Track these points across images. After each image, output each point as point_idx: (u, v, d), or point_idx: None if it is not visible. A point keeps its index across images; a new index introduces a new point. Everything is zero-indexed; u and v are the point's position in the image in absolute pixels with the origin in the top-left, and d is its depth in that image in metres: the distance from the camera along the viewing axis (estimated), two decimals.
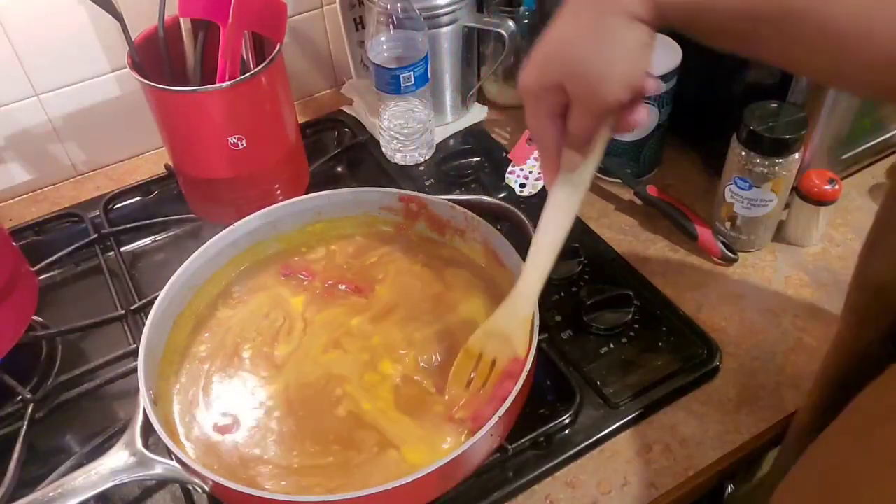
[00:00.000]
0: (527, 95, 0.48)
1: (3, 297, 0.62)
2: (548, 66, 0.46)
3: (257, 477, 0.54)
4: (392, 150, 0.85)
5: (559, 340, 0.65)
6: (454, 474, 0.53)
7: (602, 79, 0.44)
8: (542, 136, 0.50)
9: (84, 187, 0.87)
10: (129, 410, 0.56)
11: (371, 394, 0.59)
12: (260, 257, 0.69)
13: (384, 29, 0.76)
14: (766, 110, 0.68)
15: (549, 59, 0.46)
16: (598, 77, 0.44)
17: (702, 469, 0.58)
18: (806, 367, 0.64)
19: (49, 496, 0.50)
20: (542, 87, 0.47)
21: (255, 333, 0.64)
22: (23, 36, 0.76)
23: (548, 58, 0.46)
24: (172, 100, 0.69)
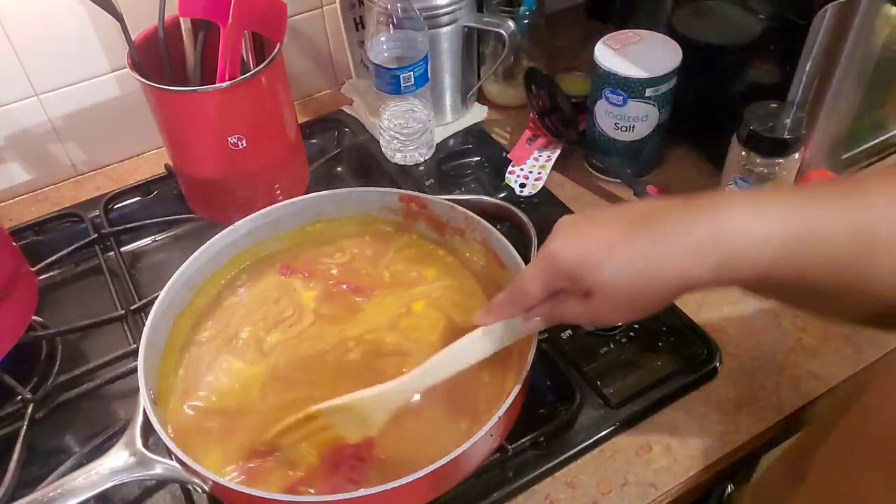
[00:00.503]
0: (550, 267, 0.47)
1: (3, 297, 0.62)
2: (588, 267, 0.45)
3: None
4: (392, 150, 0.85)
5: (559, 340, 0.65)
6: (454, 474, 0.53)
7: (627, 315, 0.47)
8: (529, 298, 0.49)
9: (84, 187, 0.87)
10: (129, 410, 0.56)
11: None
12: (260, 257, 0.69)
13: (384, 29, 0.76)
14: (766, 110, 0.68)
15: (592, 263, 0.45)
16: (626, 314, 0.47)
17: (702, 469, 0.58)
18: (806, 366, 0.64)
19: (49, 496, 0.50)
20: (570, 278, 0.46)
21: (260, 318, 0.64)
22: (23, 36, 0.76)
23: (591, 261, 0.45)
24: (172, 100, 0.69)
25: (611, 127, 0.78)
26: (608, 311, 0.46)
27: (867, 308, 0.43)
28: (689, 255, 0.43)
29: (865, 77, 0.70)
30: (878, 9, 0.64)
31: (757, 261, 0.42)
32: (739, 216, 0.43)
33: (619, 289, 0.44)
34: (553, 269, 0.47)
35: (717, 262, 0.42)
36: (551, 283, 0.47)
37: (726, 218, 0.43)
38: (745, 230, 0.42)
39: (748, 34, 0.74)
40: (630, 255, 0.44)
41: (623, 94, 0.74)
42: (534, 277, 0.48)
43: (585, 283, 0.45)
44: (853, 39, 0.65)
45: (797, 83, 0.69)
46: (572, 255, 0.45)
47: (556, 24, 1.03)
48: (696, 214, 0.44)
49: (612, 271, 0.44)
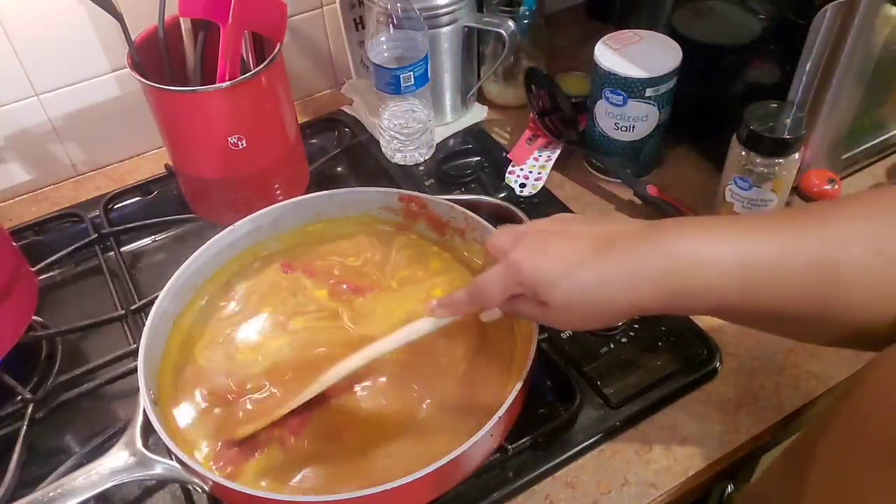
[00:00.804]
0: (511, 277, 0.48)
1: (3, 297, 0.62)
2: (545, 284, 0.46)
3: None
4: (392, 150, 0.85)
5: (559, 340, 0.65)
6: (454, 474, 0.53)
7: (578, 327, 0.52)
8: (487, 302, 0.51)
9: (84, 187, 0.87)
10: (129, 410, 0.56)
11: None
12: (260, 257, 0.69)
13: (384, 29, 0.76)
14: (766, 110, 0.68)
15: (550, 281, 0.46)
16: (578, 327, 0.52)
17: (702, 469, 0.58)
18: (806, 366, 0.64)
19: (49, 496, 0.50)
20: (528, 289, 0.47)
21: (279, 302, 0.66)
22: (23, 36, 0.76)
23: (550, 279, 0.46)
24: (172, 100, 0.69)
25: (611, 127, 0.78)
26: (561, 321, 0.49)
27: (841, 333, 0.44)
28: (641, 285, 0.44)
29: (865, 77, 0.70)
30: (878, 9, 0.64)
31: (710, 293, 0.44)
32: (693, 250, 0.44)
33: (573, 307, 0.46)
34: (513, 279, 0.48)
35: (667, 293, 0.44)
36: (510, 289, 0.49)
37: (680, 251, 0.44)
38: (698, 263, 0.44)
39: (748, 34, 0.74)
40: (586, 280, 0.45)
41: (623, 94, 0.74)
42: (495, 283, 0.49)
43: (542, 296, 0.47)
44: (853, 39, 0.65)
45: (797, 83, 0.69)
46: (533, 270, 0.47)
47: (556, 24, 1.03)
48: (653, 245, 0.45)
49: (568, 291, 0.46)
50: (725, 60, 0.78)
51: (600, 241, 0.46)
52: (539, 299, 0.47)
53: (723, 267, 0.43)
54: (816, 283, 0.42)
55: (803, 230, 0.43)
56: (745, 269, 0.43)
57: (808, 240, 0.43)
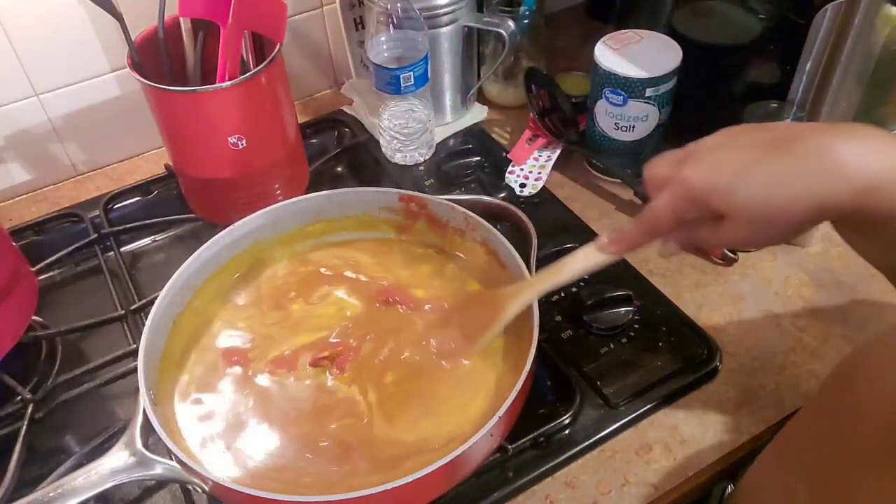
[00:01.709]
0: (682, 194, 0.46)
1: (3, 297, 0.62)
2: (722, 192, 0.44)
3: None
4: (392, 150, 0.85)
5: (559, 340, 0.65)
6: (454, 474, 0.53)
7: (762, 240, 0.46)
8: (660, 228, 0.49)
9: (84, 187, 0.87)
10: (129, 410, 0.56)
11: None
12: (260, 257, 0.69)
13: (384, 29, 0.76)
14: (766, 110, 0.68)
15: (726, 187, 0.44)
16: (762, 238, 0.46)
17: (702, 469, 0.58)
18: (806, 366, 0.64)
19: (49, 496, 0.50)
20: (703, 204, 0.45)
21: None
22: (23, 36, 0.76)
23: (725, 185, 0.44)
24: (172, 100, 0.69)
25: (611, 127, 0.78)
26: (740, 233, 0.45)
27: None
28: (830, 175, 0.41)
29: (865, 77, 0.70)
30: (878, 9, 0.64)
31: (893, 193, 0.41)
32: (882, 142, 0.42)
33: (754, 210, 0.43)
34: (685, 196, 0.46)
35: (863, 187, 0.41)
36: (684, 210, 0.46)
37: (871, 142, 0.42)
38: (889, 157, 0.41)
39: (748, 34, 0.74)
40: (767, 177, 0.43)
41: (623, 94, 0.75)
42: (666, 206, 0.47)
43: (719, 207, 0.44)
44: (853, 39, 0.65)
45: (797, 83, 0.69)
46: (705, 181, 0.44)
47: (556, 24, 1.03)
48: (840, 137, 0.42)
49: (748, 192, 0.43)
50: (725, 60, 0.78)
51: (772, 142, 0.44)
52: (716, 213, 0.45)
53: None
54: None
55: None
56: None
57: None
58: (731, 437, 0.60)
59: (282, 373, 0.61)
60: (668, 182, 0.47)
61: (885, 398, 0.35)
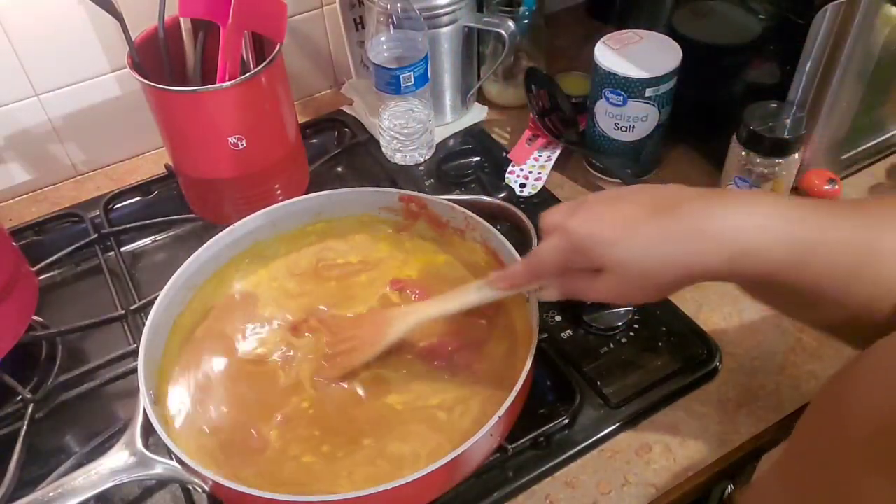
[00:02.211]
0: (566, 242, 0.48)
1: (3, 297, 0.62)
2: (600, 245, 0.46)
3: None
4: (392, 150, 0.85)
5: (559, 340, 0.65)
6: (454, 474, 0.53)
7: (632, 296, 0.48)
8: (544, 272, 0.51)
9: (84, 187, 0.87)
10: (129, 410, 0.56)
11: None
12: (260, 257, 0.69)
13: (384, 29, 0.76)
14: (766, 110, 0.68)
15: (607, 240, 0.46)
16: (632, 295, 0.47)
17: (702, 469, 0.58)
18: (806, 367, 0.64)
19: (49, 496, 0.50)
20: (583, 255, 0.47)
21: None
22: (23, 36, 0.76)
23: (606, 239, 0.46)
24: (172, 100, 0.69)
25: (611, 127, 0.78)
26: (613, 288, 0.47)
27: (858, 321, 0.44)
28: (706, 243, 0.44)
29: (865, 77, 0.70)
30: (878, 9, 0.64)
31: (769, 259, 0.43)
32: (761, 213, 0.44)
33: (631, 268, 0.45)
34: (568, 245, 0.47)
35: (732, 253, 0.43)
36: (566, 258, 0.48)
37: (747, 211, 0.44)
38: (763, 226, 0.43)
39: (748, 34, 0.74)
40: (647, 236, 0.45)
41: (623, 94, 0.74)
42: (551, 252, 0.49)
43: (598, 259, 0.46)
44: (853, 39, 0.65)
45: (797, 83, 0.69)
46: (590, 236, 0.46)
47: (556, 24, 1.03)
48: (715, 204, 0.45)
49: (626, 249, 0.45)
50: (725, 60, 0.78)
51: (658, 204, 0.46)
52: (595, 266, 0.46)
53: (775, 233, 0.43)
54: (853, 262, 0.42)
55: (843, 210, 0.44)
56: (794, 240, 0.43)
57: (847, 220, 0.44)
58: (731, 437, 0.60)
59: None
60: (556, 229, 0.48)
61: (872, 411, 0.35)
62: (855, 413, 0.36)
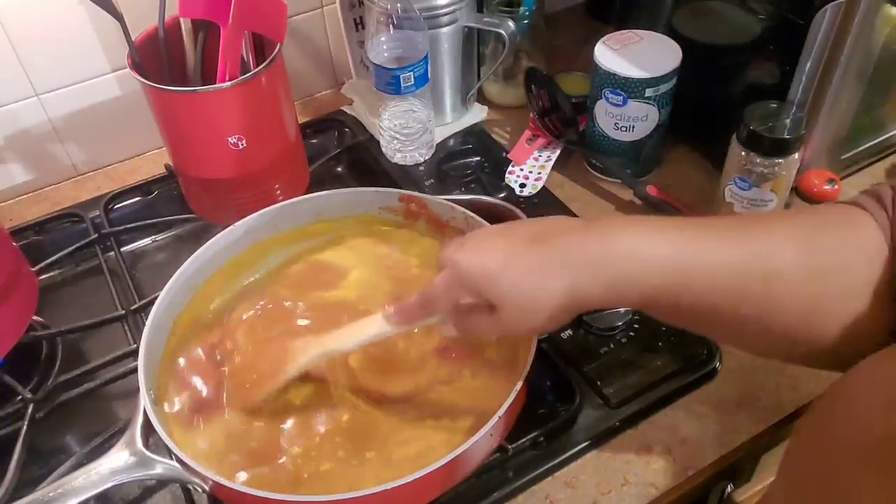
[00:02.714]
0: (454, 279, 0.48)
1: (3, 297, 0.62)
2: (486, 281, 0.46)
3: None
4: (392, 150, 0.85)
5: (559, 340, 0.65)
6: (454, 474, 0.53)
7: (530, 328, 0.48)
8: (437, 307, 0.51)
9: (84, 187, 0.87)
10: (129, 410, 0.56)
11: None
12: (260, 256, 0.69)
13: (384, 29, 0.76)
14: (766, 110, 0.68)
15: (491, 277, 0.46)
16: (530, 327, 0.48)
17: (702, 469, 0.58)
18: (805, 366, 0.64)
19: (49, 496, 0.50)
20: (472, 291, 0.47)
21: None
22: (23, 36, 0.76)
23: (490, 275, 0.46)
24: (172, 100, 0.69)
25: (611, 127, 0.78)
26: (512, 322, 0.47)
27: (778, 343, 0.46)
28: (579, 272, 0.45)
29: (865, 77, 0.70)
30: (878, 9, 0.64)
31: (644, 284, 0.45)
32: (629, 239, 0.45)
33: (517, 301, 0.46)
34: (457, 281, 0.48)
35: (606, 281, 0.45)
36: (455, 292, 0.49)
37: (617, 239, 0.45)
38: (633, 253, 0.45)
39: (748, 34, 0.74)
40: (523, 269, 0.46)
41: (623, 94, 0.74)
42: (442, 288, 0.49)
43: (483, 292, 0.47)
44: (853, 39, 0.65)
45: (797, 83, 0.69)
46: (472, 269, 0.47)
47: (556, 24, 1.03)
48: (590, 234, 0.46)
49: (508, 284, 0.46)
50: (725, 60, 0.78)
51: (536, 235, 0.47)
52: (482, 299, 0.47)
53: (658, 261, 0.44)
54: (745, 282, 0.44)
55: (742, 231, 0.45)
56: (668, 263, 0.44)
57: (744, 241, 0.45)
58: (730, 437, 0.60)
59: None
60: (446, 263, 0.49)
61: (870, 418, 0.35)
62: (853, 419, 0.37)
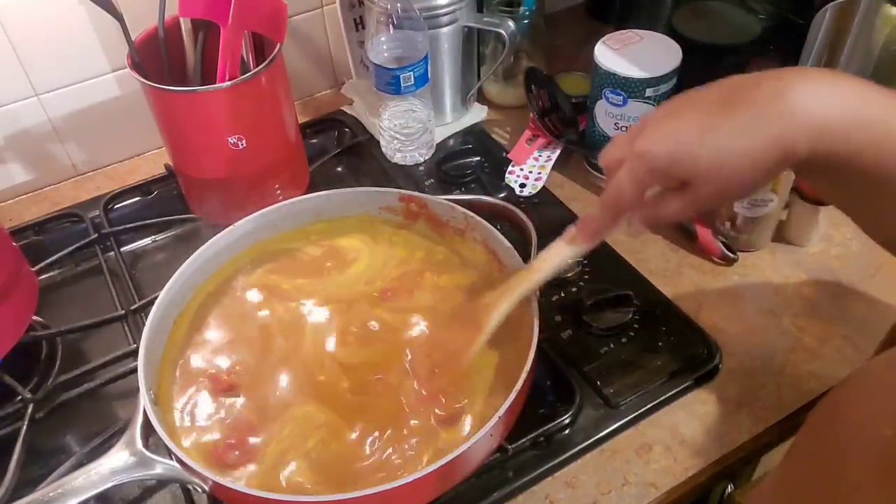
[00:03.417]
0: (643, 168, 0.45)
1: (3, 297, 0.62)
2: (683, 159, 0.44)
3: None
4: (392, 150, 0.85)
5: (559, 340, 0.65)
6: (454, 474, 0.53)
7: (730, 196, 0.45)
8: (623, 202, 0.47)
9: (84, 187, 0.87)
10: (129, 410, 0.56)
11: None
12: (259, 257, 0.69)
13: (384, 29, 0.76)
14: None
15: (688, 155, 0.43)
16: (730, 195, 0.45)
17: (702, 469, 0.58)
18: (806, 367, 0.64)
19: (49, 496, 0.50)
20: (665, 174, 0.45)
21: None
22: (23, 36, 0.76)
23: (686, 154, 0.43)
24: (172, 100, 0.69)
25: (611, 127, 0.78)
26: (709, 196, 0.45)
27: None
28: (786, 120, 0.41)
29: (865, 77, 0.70)
30: (878, 9, 0.64)
31: (850, 135, 0.41)
32: (834, 87, 0.42)
33: (719, 170, 0.43)
34: (646, 169, 0.45)
35: (811, 127, 0.41)
36: (646, 183, 0.46)
37: (820, 87, 0.42)
38: (843, 103, 0.41)
39: (748, 34, 0.74)
40: (726, 135, 0.42)
41: (623, 94, 0.75)
42: (628, 182, 0.46)
43: (683, 175, 0.44)
44: (853, 39, 0.65)
45: None
46: (665, 151, 0.44)
47: (556, 24, 1.03)
48: (787, 81, 0.42)
49: (710, 155, 0.43)
50: (725, 60, 0.78)
51: (724, 99, 0.43)
52: (679, 181, 0.44)
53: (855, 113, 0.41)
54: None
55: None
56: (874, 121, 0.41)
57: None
58: (731, 437, 0.60)
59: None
60: (625, 159, 0.46)
61: (872, 426, 0.35)
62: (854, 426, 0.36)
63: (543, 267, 0.55)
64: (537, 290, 0.57)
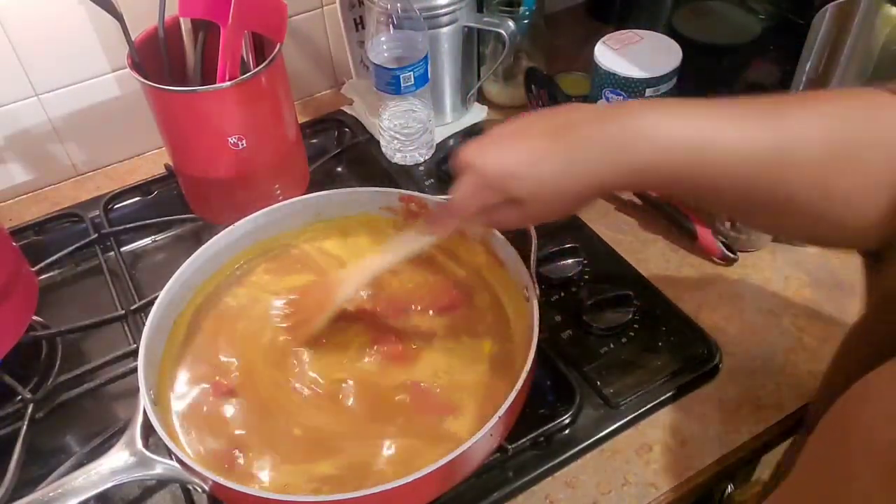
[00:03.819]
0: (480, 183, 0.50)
1: (3, 297, 0.62)
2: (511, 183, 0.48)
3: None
4: (392, 150, 0.85)
5: (559, 340, 0.65)
6: (454, 474, 0.53)
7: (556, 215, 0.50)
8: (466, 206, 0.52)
9: (84, 187, 0.87)
10: (129, 410, 0.56)
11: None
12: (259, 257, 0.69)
13: (384, 29, 0.76)
14: None
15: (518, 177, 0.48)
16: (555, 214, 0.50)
17: (702, 469, 0.58)
18: (806, 366, 0.64)
19: (49, 496, 0.50)
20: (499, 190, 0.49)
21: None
22: (23, 36, 0.76)
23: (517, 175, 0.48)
24: (172, 100, 0.69)
25: None
26: (537, 213, 0.50)
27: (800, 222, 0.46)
28: (603, 160, 0.46)
29: (865, 77, 0.70)
30: (878, 9, 0.64)
31: (664, 166, 0.45)
32: (650, 123, 0.46)
33: (545, 195, 0.48)
34: (483, 182, 0.50)
35: (627, 167, 0.46)
36: (484, 197, 0.50)
37: (636, 124, 0.46)
38: (653, 136, 0.45)
39: (748, 34, 0.74)
40: (552, 167, 0.47)
41: (623, 94, 0.74)
42: (469, 193, 0.51)
43: (513, 192, 0.49)
44: (853, 39, 0.65)
45: (797, 83, 0.69)
46: (498, 169, 0.49)
47: (556, 24, 1.03)
48: (609, 121, 0.47)
49: (537, 177, 0.47)
50: (725, 60, 0.78)
51: (557, 129, 0.48)
52: (511, 198, 0.49)
53: (675, 144, 0.45)
54: (765, 162, 0.44)
55: (762, 112, 0.45)
56: (698, 148, 0.44)
57: (764, 120, 0.45)
58: (731, 437, 0.60)
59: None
60: (469, 169, 0.50)
61: (881, 437, 0.35)
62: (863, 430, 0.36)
63: (394, 250, 0.59)
64: (533, 287, 0.58)
